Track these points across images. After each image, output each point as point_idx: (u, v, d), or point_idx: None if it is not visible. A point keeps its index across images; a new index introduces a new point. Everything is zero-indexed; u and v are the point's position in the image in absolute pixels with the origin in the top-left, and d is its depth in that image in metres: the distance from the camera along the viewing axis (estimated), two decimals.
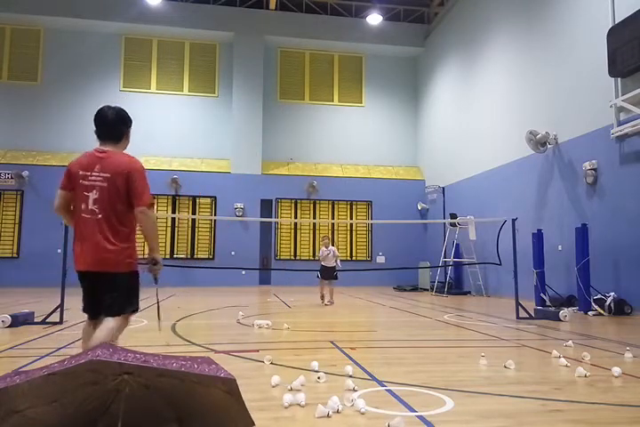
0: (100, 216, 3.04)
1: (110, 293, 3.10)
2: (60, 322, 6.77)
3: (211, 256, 17.74)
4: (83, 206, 3.05)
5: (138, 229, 3.26)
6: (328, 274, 10.71)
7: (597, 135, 10.02)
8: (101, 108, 3.25)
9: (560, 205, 11.16)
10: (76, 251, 3.12)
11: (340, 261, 11.10)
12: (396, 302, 11.44)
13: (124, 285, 3.14)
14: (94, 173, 3.06)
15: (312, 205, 18.89)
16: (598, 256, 9.37)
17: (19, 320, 6.59)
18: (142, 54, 18.60)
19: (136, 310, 3.30)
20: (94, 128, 3.24)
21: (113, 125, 3.23)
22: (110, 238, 3.04)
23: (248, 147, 18.30)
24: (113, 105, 3.37)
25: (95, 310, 3.18)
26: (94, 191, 3.04)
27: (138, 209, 3.07)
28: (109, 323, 3.09)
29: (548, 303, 9.76)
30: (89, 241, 3.05)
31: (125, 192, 3.07)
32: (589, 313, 8.69)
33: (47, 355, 4.58)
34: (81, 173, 3.08)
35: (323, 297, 10.72)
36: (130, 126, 3.35)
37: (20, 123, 17.39)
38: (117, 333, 3.17)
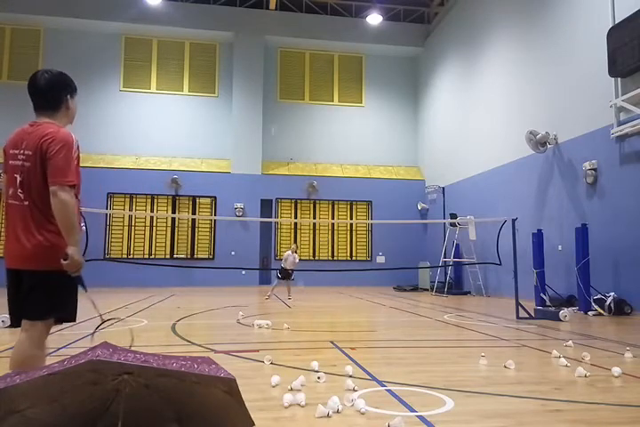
0: (26, 203, 2.56)
1: (30, 294, 2.57)
2: (60, 322, 6.76)
3: (211, 256, 17.74)
4: (11, 191, 2.59)
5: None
6: (287, 274, 11.91)
7: (597, 135, 10.02)
8: (34, 73, 2.69)
9: (560, 205, 11.15)
10: (4, 245, 2.66)
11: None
12: (396, 302, 11.44)
13: (48, 283, 2.58)
14: (20, 151, 2.59)
15: (312, 205, 18.89)
16: (598, 256, 9.37)
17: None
18: (142, 54, 18.60)
19: (65, 318, 2.73)
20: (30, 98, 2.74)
21: (47, 91, 2.66)
22: (34, 230, 2.54)
23: (248, 147, 18.31)
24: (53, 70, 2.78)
25: (17, 314, 2.65)
26: (20, 173, 2.56)
27: (51, 188, 2.48)
28: (28, 330, 2.61)
29: (548, 303, 9.75)
30: (14, 233, 2.58)
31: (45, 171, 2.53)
32: (589, 313, 8.69)
33: (47, 355, 4.56)
34: (11, 151, 2.63)
35: (270, 294, 11.86)
36: (72, 93, 2.76)
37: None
38: (38, 344, 2.63)
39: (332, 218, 18.91)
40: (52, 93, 2.68)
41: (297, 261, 12.06)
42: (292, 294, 11.93)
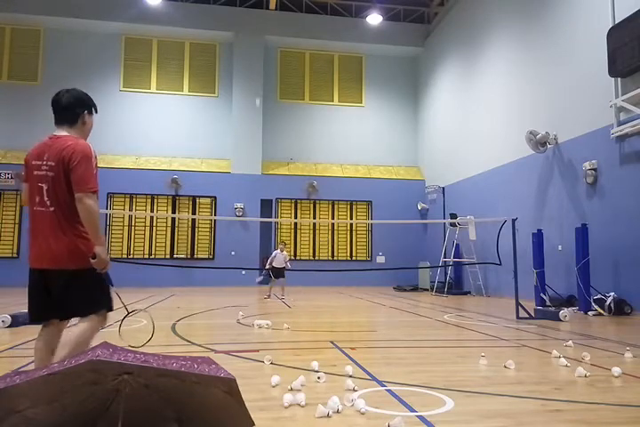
0: (52, 209, 2.82)
1: (69, 290, 2.82)
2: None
3: (211, 256, 17.74)
4: (37, 199, 2.84)
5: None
6: (280, 273, 12.02)
7: (597, 135, 10.02)
8: (58, 92, 3.00)
9: (560, 205, 11.15)
10: (30, 247, 2.90)
11: (290, 261, 12.61)
12: (396, 302, 11.44)
13: (85, 280, 2.84)
14: (44, 162, 2.84)
15: (312, 205, 18.89)
16: (598, 256, 9.37)
17: (19, 320, 6.60)
18: (142, 54, 18.60)
19: (106, 309, 2.97)
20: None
21: (66, 107, 2.96)
22: (62, 233, 2.81)
23: (248, 147, 18.30)
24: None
25: (48, 312, 2.87)
26: (45, 182, 2.82)
27: (76, 195, 2.76)
28: (80, 325, 2.84)
29: (548, 303, 9.75)
30: (41, 236, 2.83)
31: (69, 180, 2.81)
32: (589, 313, 8.69)
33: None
34: (33, 162, 2.88)
35: (270, 294, 12.00)
36: (89, 110, 3.05)
37: (19, 123, 17.38)
38: (89, 336, 2.87)
39: (332, 218, 18.91)
40: (70, 109, 2.97)
41: (287, 259, 12.17)
42: (286, 294, 12.00)
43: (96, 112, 3.12)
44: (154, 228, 17.74)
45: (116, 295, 3.00)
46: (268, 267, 12.12)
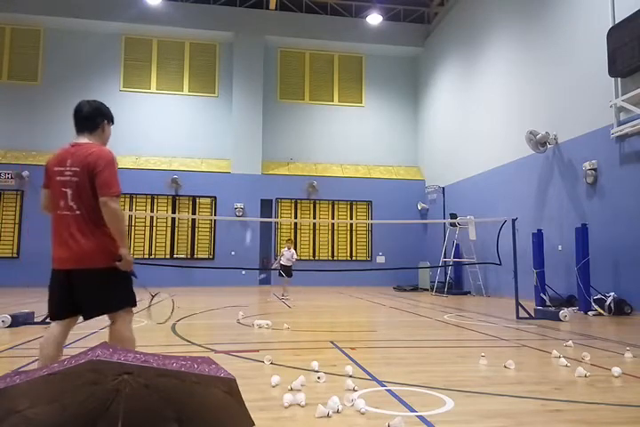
0: (78, 212, 2.95)
1: (94, 289, 2.95)
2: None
3: (211, 256, 17.74)
4: (62, 203, 2.97)
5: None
6: (289, 272, 12.02)
7: (597, 135, 10.02)
8: (79, 103, 3.17)
9: (560, 205, 11.15)
10: (53, 249, 3.01)
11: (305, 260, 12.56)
12: (396, 302, 11.44)
13: (109, 278, 2.98)
14: (67, 168, 2.96)
15: (312, 205, 18.89)
16: (598, 256, 9.37)
17: (19, 320, 6.59)
18: (142, 54, 18.60)
19: (132, 305, 3.11)
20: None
21: (87, 117, 3.12)
22: (90, 234, 2.95)
23: (248, 147, 18.31)
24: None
25: (69, 311, 3.01)
26: (70, 187, 2.95)
27: (101, 199, 2.90)
28: (116, 321, 3.03)
29: (548, 303, 9.76)
30: (68, 238, 2.95)
31: (94, 185, 2.95)
32: (589, 313, 8.69)
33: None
34: (56, 168, 3.00)
35: (285, 294, 11.92)
36: (108, 120, 3.22)
37: (19, 123, 17.39)
38: (129, 328, 3.06)
39: (332, 218, 18.91)
40: (91, 119, 3.13)
41: (294, 256, 12.01)
42: (289, 293, 11.97)
43: (113, 122, 3.29)
44: (154, 228, 17.74)
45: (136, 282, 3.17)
46: (276, 265, 12.05)
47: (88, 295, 2.96)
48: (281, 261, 12.00)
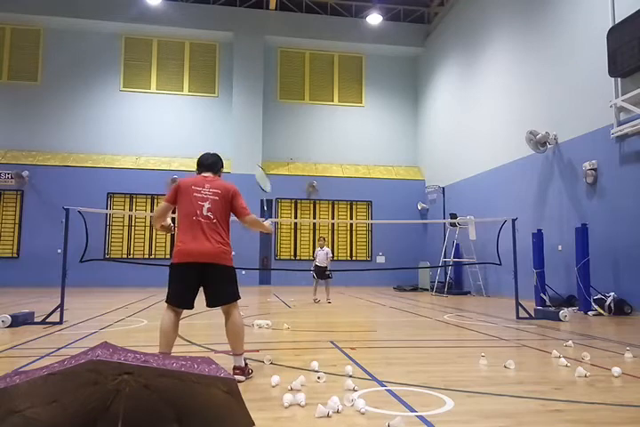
0: (214, 221, 3.87)
1: (221, 283, 3.80)
2: (60, 322, 6.78)
3: None
4: (198, 212, 3.84)
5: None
6: (323, 274, 11.21)
7: (597, 135, 10.02)
8: (203, 154, 4.38)
9: (560, 205, 11.15)
10: (187, 246, 3.76)
11: (334, 260, 11.62)
12: (396, 302, 11.44)
13: (231, 276, 3.87)
14: (205, 189, 3.92)
15: (312, 205, 18.89)
16: (598, 256, 9.37)
17: (19, 320, 6.59)
18: (142, 54, 18.60)
19: (238, 297, 3.88)
20: (197, 167, 4.29)
21: (210, 165, 4.22)
22: (222, 238, 3.87)
23: (248, 147, 18.30)
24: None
25: (192, 300, 3.79)
26: (208, 202, 3.88)
27: (246, 218, 4.05)
28: (231, 311, 3.82)
29: (548, 303, 9.75)
30: (206, 239, 3.79)
31: (229, 205, 3.98)
32: (589, 313, 8.69)
33: (47, 355, 4.58)
34: (193, 187, 3.94)
35: (316, 295, 11.19)
36: (222, 166, 4.32)
37: (20, 123, 17.39)
38: (240, 316, 3.88)
39: (332, 218, 18.91)
40: (213, 167, 4.23)
41: (329, 256, 11.28)
42: (330, 295, 11.15)
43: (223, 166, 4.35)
44: (154, 228, 17.72)
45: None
46: (312, 268, 11.33)
47: (219, 287, 3.79)
48: (316, 262, 11.32)
